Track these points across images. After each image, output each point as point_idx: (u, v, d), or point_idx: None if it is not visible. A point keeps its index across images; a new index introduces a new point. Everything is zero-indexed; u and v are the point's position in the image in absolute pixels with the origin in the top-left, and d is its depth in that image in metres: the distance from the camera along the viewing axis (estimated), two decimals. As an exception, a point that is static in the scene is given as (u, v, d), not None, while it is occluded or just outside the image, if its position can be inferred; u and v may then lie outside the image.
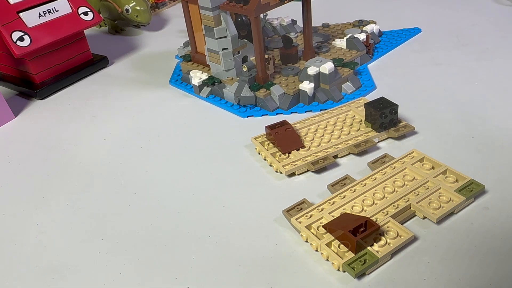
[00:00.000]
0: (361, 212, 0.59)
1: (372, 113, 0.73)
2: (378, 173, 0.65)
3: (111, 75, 1.08)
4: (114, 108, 0.93)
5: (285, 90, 0.83)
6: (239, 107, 0.85)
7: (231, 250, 0.58)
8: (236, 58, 0.87)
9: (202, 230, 0.61)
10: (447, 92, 0.84)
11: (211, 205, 0.65)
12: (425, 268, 0.53)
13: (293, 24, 1.08)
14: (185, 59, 0.99)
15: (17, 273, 0.58)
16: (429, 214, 0.57)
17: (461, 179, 0.62)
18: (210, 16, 0.83)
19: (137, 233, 0.62)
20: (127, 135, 0.84)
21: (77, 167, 0.76)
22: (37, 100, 1.00)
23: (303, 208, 0.61)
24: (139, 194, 0.69)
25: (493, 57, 0.94)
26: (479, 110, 0.78)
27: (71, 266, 0.58)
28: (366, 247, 0.54)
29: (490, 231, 0.56)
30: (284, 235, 0.59)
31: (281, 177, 0.69)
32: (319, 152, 0.70)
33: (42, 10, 0.99)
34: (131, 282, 0.55)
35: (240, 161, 0.73)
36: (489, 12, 1.15)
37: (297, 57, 0.92)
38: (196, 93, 0.92)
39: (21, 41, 0.94)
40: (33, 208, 0.69)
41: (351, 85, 0.87)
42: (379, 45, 1.03)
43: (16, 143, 0.85)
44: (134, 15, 1.22)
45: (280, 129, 0.73)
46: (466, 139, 0.72)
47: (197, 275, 0.55)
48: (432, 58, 0.96)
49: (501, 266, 0.52)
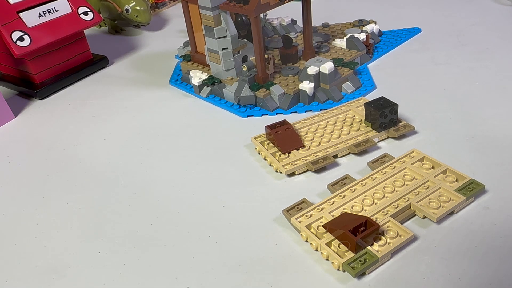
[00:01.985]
0: (361, 212, 0.59)
1: (372, 112, 0.73)
2: (378, 173, 0.65)
3: (111, 75, 1.08)
4: (114, 108, 0.93)
5: (285, 90, 0.83)
6: (239, 107, 0.85)
7: (231, 250, 0.58)
8: (236, 58, 0.87)
9: (202, 230, 0.61)
10: (447, 92, 0.84)
11: (211, 205, 0.65)
12: (425, 268, 0.53)
13: (293, 24, 1.08)
14: (185, 59, 0.99)
15: (17, 273, 0.58)
16: (429, 214, 0.57)
17: (461, 179, 0.62)
18: (210, 16, 0.83)
19: (137, 233, 0.62)
20: (127, 135, 0.84)
21: (77, 167, 0.76)
22: (37, 100, 1.00)
23: (303, 208, 0.61)
24: (139, 194, 0.69)
25: (493, 57, 0.94)
26: (479, 110, 0.78)
27: (71, 266, 0.58)
28: (366, 247, 0.54)
29: (490, 231, 0.56)
30: (284, 234, 0.59)
31: (281, 177, 0.69)
32: (319, 151, 0.70)
33: (42, 10, 0.99)
34: (131, 282, 0.55)
35: (240, 161, 0.73)
36: (489, 12, 1.15)
37: (297, 57, 0.92)
38: (196, 93, 0.92)
39: (21, 41, 0.94)
40: (33, 208, 0.69)
41: (351, 85, 0.87)
42: (379, 45, 1.03)
43: (16, 143, 0.85)
44: (134, 15, 1.22)
45: (280, 128, 0.73)
46: (466, 139, 0.71)
47: (197, 275, 0.55)
48: (432, 58, 0.96)
49: (501, 265, 0.52)
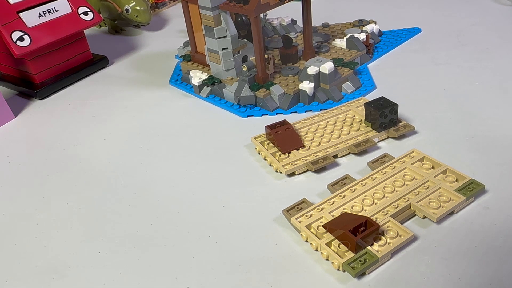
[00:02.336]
0: (361, 212, 0.59)
1: (372, 112, 0.73)
2: (378, 173, 0.65)
3: (111, 75, 1.08)
4: (114, 108, 0.93)
5: (285, 90, 0.83)
6: (239, 107, 0.85)
7: (231, 250, 0.58)
8: (236, 58, 0.87)
9: (202, 230, 0.61)
10: (447, 92, 0.84)
11: (211, 205, 0.65)
12: (425, 268, 0.53)
13: (293, 24, 1.08)
14: (185, 59, 0.99)
15: (17, 273, 0.58)
16: (429, 214, 0.57)
17: (461, 179, 0.62)
18: (210, 16, 0.83)
19: (137, 233, 0.62)
20: (127, 135, 0.84)
21: (77, 167, 0.76)
22: (37, 100, 1.00)
23: (303, 208, 0.61)
24: (139, 194, 0.69)
25: (493, 57, 0.94)
26: (479, 110, 0.78)
27: (71, 266, 0.58)
28: (366, 247, 0.54)
29: (490, 231, 0.56)
30: (284, 234, 0.59)
31: (281, 177, 0.69)
32: (319, 151, 0.70)
33: (42, 10, 0.99)
34: (131, 282, 0.55)
35: (240, 161, 0.73)
36: (489, 12, 1.15)
37: (297, 57, 0.92)
38: (196, 93, 0.92)
39: (21, 41, 0.94)
40: (33, 208, 0.69)
41: (351, 85, 0.87)
42: (379, 45, 1.03)
43: (16, 143, 0.85)
44: (134, 15, 1.22)
45: (280, 128, 0.73)
46: (466, 139, 0.71)
47: (197, 275, 0.55)
48: (432, 58, 0.96)
49: (501, 265, 0.52)
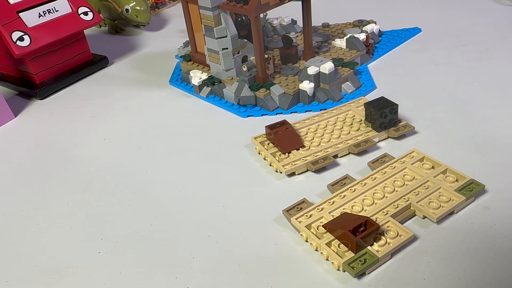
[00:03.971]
0: (361, 212, 0.59)
1: (372, 112, 0.73)
2: (378, 173, 0.65)
3: (111, 75, 1.08)
4: (114, 108, 0.93)
5: (285, 90, 0.83)
6: (239, 107, 0.85)
7: (231, 250, 0.58)
8: (236, 58, 0.87)
9: (202, 230, 0.61)
10: (447, 92, 0.84)
11: (211, 205, 0.65)
12: (425, 268, 0.52)
13: (293, 24, 1.08)
14: (185, 59, 0.99)
15: (17, 273, 0.58)
16: (429, 214, 0.57)
17: (461, 179, 0.62)
18: (210, 16, 0.83)
19: (137, 233, 0.62)
20: (127, 135, 0.84)
21: (77, 167, 0.76)
22: (37, 100, 1.00)
23: (303, 208, 0.61)
24: (139, 194, 0.69)
25: (493, 57, 0.94)
26: (479, 110, 0.78)
27: (71, 266, 0.58)
28: (366, 247, 0.54)
29: (490, 231, 0.56)
30: (284, 234, 0.59)
31: (281, 177, 0.69)
32: (319, 151, 0.70)
33: (42, 10, 0.99)
34: (131, 282, 0.55)
35: (240, 161, 0.73)
36: (489, 12, 1.15)
37: (297, 57, 0.92)
38: (196, 93, 0.92)
39: (21, 41, 0.94)
40: (33, 208, 0.69)
41: (351, 85, 0.87)
42: (379, 45, 1.03)
43: (16, 143, 0.85)
44: (134, 15, 1.22)
45: (280, 129, 0.73)
46: (466, 139, 0.71)
47: (197, 275, 0.55)
48: (432, 58, 0.96)
49: (501, 265, 0.52)
